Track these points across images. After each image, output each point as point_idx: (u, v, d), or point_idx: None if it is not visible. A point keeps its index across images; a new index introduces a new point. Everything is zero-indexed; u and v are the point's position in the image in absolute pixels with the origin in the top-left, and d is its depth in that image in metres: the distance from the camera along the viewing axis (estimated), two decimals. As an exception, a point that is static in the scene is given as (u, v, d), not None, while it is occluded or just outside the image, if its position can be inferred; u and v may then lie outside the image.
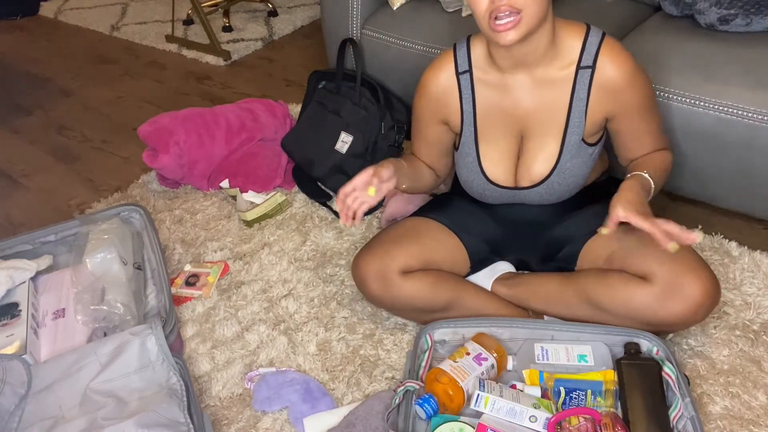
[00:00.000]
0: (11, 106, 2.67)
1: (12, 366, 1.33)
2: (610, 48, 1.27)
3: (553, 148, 1.34)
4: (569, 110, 1.31)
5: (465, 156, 1.40)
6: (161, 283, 1.56)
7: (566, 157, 1.33)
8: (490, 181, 1.39)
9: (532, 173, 1.36)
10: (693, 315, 1.28)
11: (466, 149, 1.39)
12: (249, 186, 1.96)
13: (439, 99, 1.39)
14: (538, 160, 1.35)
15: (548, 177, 1.35)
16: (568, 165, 1.34)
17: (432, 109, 1.41)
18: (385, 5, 2.05)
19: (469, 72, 1.35)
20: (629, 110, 1.31)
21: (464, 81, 1.36)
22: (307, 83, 2.08)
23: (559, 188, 1.37)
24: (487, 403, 1.22)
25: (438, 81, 1.38)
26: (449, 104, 1.38)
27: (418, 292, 1.41)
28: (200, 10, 2.85)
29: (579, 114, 1.31)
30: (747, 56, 1.52)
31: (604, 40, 1.27)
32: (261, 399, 1.38)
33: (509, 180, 1.39)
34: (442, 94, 1.38)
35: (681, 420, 1.20)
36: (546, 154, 1.34)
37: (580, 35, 1.28)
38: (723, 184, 1.59)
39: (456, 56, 1.36)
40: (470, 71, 1.35)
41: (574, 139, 1.32)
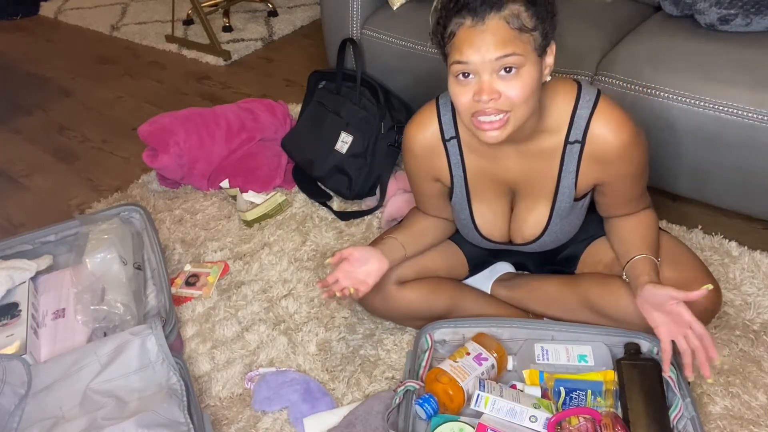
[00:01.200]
0: (11, 106, 2.66)
1: (12, 366, 1.33)
2: (603, 118, 1.16)
3: (542, 212, 1.28)
4: (558, 180, 1.24)
5: (458, 212, 1.35)
6: (161, 283, 1.56)
7: (556, 220, 1.29)
8: (485, 237, 1.35)
9: (524, 233, 1.32)
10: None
11: (459, 207, 1.34)
12: (249, 186, 1.96)
13: (426, 158, 1.30)
14: (529, 223, 1.30)
15: (539, 237, 1.32)
16: (560, 226, 1.30)
17: (421, 167, 1.32)
18: (385, 5, 2.05)
19: (457, 138, 1.26)
20: (618, 179, 1.23)
21: (452, 147, 1.27)
22: (307, 83, 2.08)
23: (552, 244, 1.34)
24: (487, 403, 1.22)
25: (422, 141, 1.28)
26: (437, 165, 1.30)
27: (416, 302, 1.40)
28: (200, 10, 2.85)
29: (569, 183, 1.23)
30: (747, 56, 1.52)
31: (596, 109, 1.16)
32: (261, 399, 1.38)
33: (503, 236, 1.35)
34: (429, 154, 1.29)
35: (681, 420, 1.20)
36: (536, 217, 1.29)
37: (570, 102, 1.17)
38: (723, 184, 1.59)
39: (441, 120, 1.26)
40: (457, 137, 1.26)
41: (564, 205, 1.26)
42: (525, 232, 1.32)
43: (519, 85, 1.04)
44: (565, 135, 1.19)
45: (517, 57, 1.03)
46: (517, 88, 1.05)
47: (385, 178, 1.89)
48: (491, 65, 1.03)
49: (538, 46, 1.06)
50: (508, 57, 1.02)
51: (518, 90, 1.05)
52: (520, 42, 1.03)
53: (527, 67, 1.04)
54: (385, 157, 1.90)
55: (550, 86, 1.17)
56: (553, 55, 1.11)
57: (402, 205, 1.76)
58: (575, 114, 1.17)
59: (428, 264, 1.43)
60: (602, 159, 1.19)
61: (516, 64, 1.03)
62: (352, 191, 1.89)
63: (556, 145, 1.20)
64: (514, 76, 1.04)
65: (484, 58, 1.03)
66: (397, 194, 1.83)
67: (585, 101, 1.17)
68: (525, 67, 1.04)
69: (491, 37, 1.02)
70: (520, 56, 1.03)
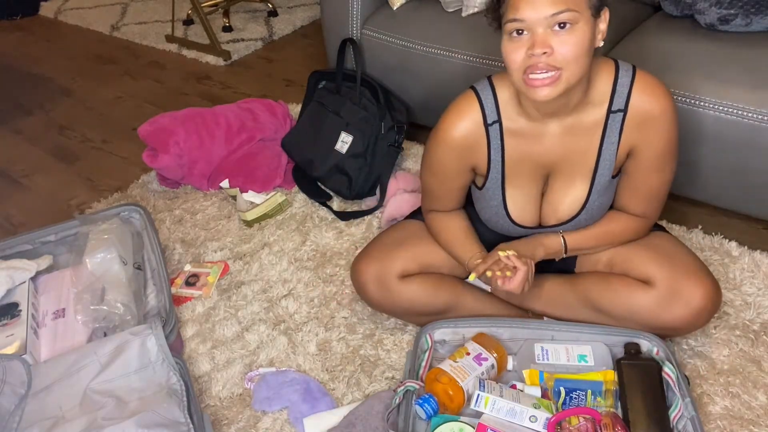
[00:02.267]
0: (12, 106, 2.66)
1: (12, 366, 1.33)
2: (644, 85, 1.20)
3: (581, 190, 1.28)
4: (599, 154, 1.25)
5: (489, 200, 1.34)
6: (161, 283, 1.56)
7: (594, 197, 1.29)
8: (515, 223, 1.35)
9: (559, 213, 1.32)
10: (695, 319, 1.28)
11: (491, 193, 1.32)
12: (249, 186, 1.96)
13: (465, 148, 1.28)
14: (565, 202, 1.30)
15: (576, 216, 1.31)
16: (597, 203, 1.30)
17: (458, 158, 1.30)
18: (385, 5, 2.05)
19: (499, 122, 1.25)
20: (648, 149, 1.23)
21: (493, 132, 1.26)
22: (307, 83, 2.08)
23: (585, 223, 1.33)
24: (487, 403, 1.22)
25: (463, 130, 1.26)
26: (476, 153, 1.28)
27: (417, 296, 1.40)
28: (200, 10, 2.85)
29: (610, 156, 1.25)
30: (747, 56, 1.52)
31: (635, 78, 1.20)
32: (261, 399, 1.38)
33: (534, 221, 1.34)
34: (470, 143, 1.27)
35: (681, 420, 1.20)
36: (574, 196, 1.29)
37: (610, 75, 1.20)
38: (723, 184, 1.59)
39: (482, 105, 1.25)
40: (499, 121, 1.25)
41: (603, 180, 1.27)
42: (561, 213, 1.32)
43: (572, 41, 1.06)
44: (608, 106, 1.21)
45: (572, 13, 1.04)
46: (570, 44, 1.06)
47: (385, 178, 1.89)
48: (546, 21, 1.05)
49: (593, 5, 1.08)
50: (563, 13, 1.04)
51: (571, 46, 1.06)
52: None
53: (581, 24, 1.06)
54: (385, 157, 1.90)
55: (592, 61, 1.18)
56: (606, 23, 1.13)
57: (402, 205, 1.76)
58: (616, 84, 1.20)
59: (432, 260, 1.43)
60: (642, 123, 1.21)
61: (570, 20, 1.05)
62: (352, 191, 1.89)
63: (599, 117, 1.23)
64: (568, 31, 1.06)
65: (539, 15, 1.04)
66: (397, 194, 1.83)
67: (624, 72, 1.20)
68: (579, 24, 1.06)
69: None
70: (574, 12, 1.05)
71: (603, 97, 1.21)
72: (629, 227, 1.34)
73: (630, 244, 1.35)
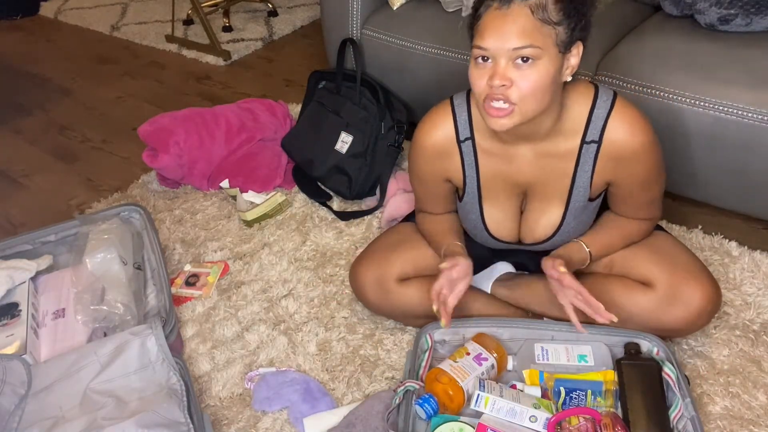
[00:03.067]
0: (12, 106, 2.66)
1: (12, 366, 1.33)
2: (621, 117, 1.18)
3: (556, 213, 1.29)
4: (573, 180, 1.25)
5: (468, 213, 1.35)
6: (161, 283, 1.56)
7: (570, 219, 1.29)
8: (494, 237, 1.36)
9: (535, 234, 1.32)
10: (695, 320, 1.28)
11: (469, 207, 1.34)
12: (249, 186, 1.96)
13: (438, 158, 1.30)
14: (541, 224, 1.31)
15: (551, 237, 1.32)
16: (572, 225, 1.30)
17: (433, 169, 1.32)
18: (385, 5, 2.05)
19: (471, 139, 1.27)
20: (630, 181, 1.24)
21: (466, 148, 1.28)
22: (307, 83, 2.08)
23: (561, 243, 1.34)
24: (487, 403, 1.22)
25: (436, 141, 1.29)
26: (450, 165, 1.30)
27: (416, 299, 1.40)
28: (200, 10, 2.85)
29: (584, 183, 1.25)
30: (747, 56, 1.52)
31: (613, 109, 1.18)
32: (261, 399, 1.38)
33: (513, 236, 1.35)
34: (442, 154, 1.29)
35: (681, 420, 1.20)
36: (549, 218, 1.30)
37: (587, 103, 1.19)
38: (723, 184, 1.59)
39: (456, 120, 1.27)
40: (472, 138, 1.27)
41: (578, 205, 1.27)
42: (537, 233, 1.32)
43: (533, 77, 1.06)
44: (582, 136, 1.20)
45: (534, 49, 1.04)
46: (529, 80, 1.06)
47: (385, 178, 1.89)
48: (508, 54, 1.05)
49: (561, 42, 1.07)
50: (525, 48, 1.04)
51: (530, 82, 1.06)
52: (540, 35, 1.04)
53: (544, 60, 1.06)
54: (385, 157, 1.90)
55: (569, 88, 1.18)
56: (578, 57, 1.12)
57: (402, 205, 1.76)
58: (592, 114, 1.19)
59: (430, 262, 1.43)
60: (617, 157, 1.20)
61: (532, 56, 1.05)
62: (352, 191, 1.89)
63: (572, 147, 1.22)
64: (530, 66, 1.06)
65: (502, 46, 1.05)
66: (397, 194, 1.83)
67: (602, 101, 1.19)
68: (541, 60, 1.06)
69: (512, 24, 1.04)
70: (537, 48, 1.04)
71: (578, 126, 1.20)
72: (640, 228, 1.34)
73: (630, 245, 1.35)
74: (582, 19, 1.09)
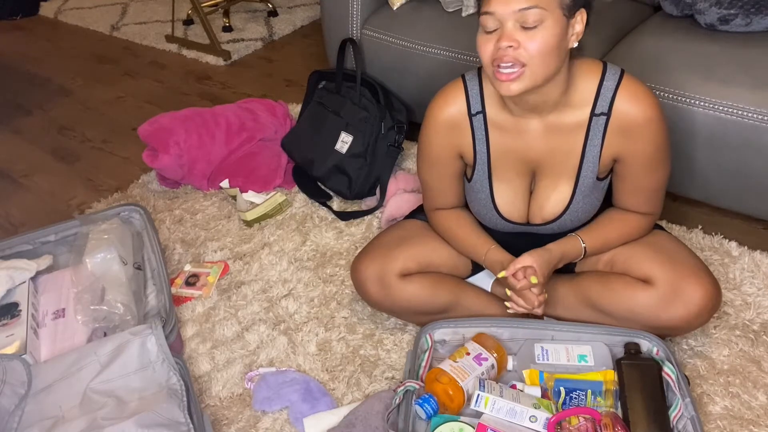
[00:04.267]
0: (11, 106, 2.66)
1: (12, 366, 1.33)
2: (628, 90, 1.20)
3: (565, 190, 1.30)
4: (582, 155, 1.26)
5: (477, 192, 1.35)
6: (161, 283, 1.56)
7: (579, 197, 1.30)
8: (503, 217, 1.36)
9: (544, 212, 1.33)
10: (695, 319, 1.29)
11: (479, 186, 1.34)
12: (249, 186, 1.96)
13: (450, 129, 1.31)
14: (551, 201, 1.31)
15: (560, 216, 1.32)
16: (581, 204, 1.31)
17: (446, 143, 1.33)
18: (385, 5, 2.05)
19: (483, 113, 1.28)
20: (637, 158, 1.25)
21: (477, 122, 1.29)
22: (307, 83, 2.08)
23: (571, 224, 1.34)
24: (487, 403, 1.22)
25: (448, 115, 1.30)
26: (462, 140, 1.31)
27: (417, 295, 1.40)
28: (200, 10, 2.85)
29: (593, 158, 1.26)
30: (747, 56, 1.52)
31: (621, 83, 1.20)
32: (261, 399, 1.38)
33: (522, 216, 1.35)
34: (455, 128, 1.31)
35: (681, 420, 1.20)
36: (558, 195, 1.30)
37: (596, 78, 1.21)
38: (723, 184, 1.59)
39: (468, 94, 1.28)
40: (483, 112, 1.28)
41: (587, 182, 1.28)
42: (546, 212, 1.33)
43: (539, 38, 1.09)
44: (591, 108, 1.22)
45: (540, 10, 1.07)
46: (536, 41, 1.09)
47: (385, 178, 1.89)
48: (514, 16, 1.08)
49: (566, 5, 1.10)
50: (531, 9, 1.07)
51: (537, 43, 1.09)
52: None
53: (550, 22, 1.09)
54: (385, 157, 1.90)
55: (576, 63, 1.21)
56: (582, 24, 1.15)
57: (402, 205, 1.76)
58: (601, 87, 1.21)
59: (432, 259, 1.44)
60: (626, 131, 1.22)
61: (538, 19, 1.08)
62: (352, 191, 1.89)
63: (581, 119, 1.23)
64: (536, 29, 1.09)
65: (508, 9, 1.08)
66: (397, 194, 1.83)
67: (611, 75, 1.21)
68: (547, 22, 1.08)
69: None
70: (542, 9, 1.08)
71: (586, 100, 1.22)
72: (639, 225, 1.35)
73: (630, 243, 1.35)
74: None
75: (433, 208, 1.45)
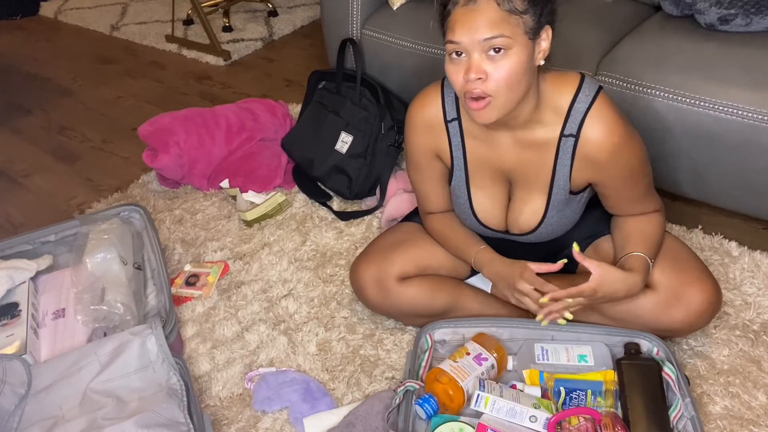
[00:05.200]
0: (12, 106, 2.66)
1: (12, 366, 1.33)
2: (598, 116, 1.17)
3: (539, 203, 1.29)
4: (553, 172, 1.25)
5: (457, 197, 1.36)
6: (161, 283, 1.56)
7: (552, 212, 1.29)
8: (482, 223, 1.36)
9: (520, 224, 1.33)
10: (695, 322, 1.29)
11: (458, 191, 1.35)
12: (249, 186, 1.96)
13: (429, 132, 1.32)
14: (525, 213, 1.31)
15: (536, 228, 1.32)
16: (556, 218, 1.31)
17: (425, 144, 1.33)
18: (385, 5, 2.05)
19: (458, 120, 1.29)
20: (611, 181, 1.25)
21: (453, 129, 1.29)
22: (307, 83, 2.08)
23: (547, 236, 1.34)
24: (487, 403, 1.22)
25: (425, 118, 1.31)
26: (439, 143, 1.32)
27: (416, 298, 1.40)
28: (200, 10, 2.85)
29: (563, 176, 1.25)
30: (747, 56, 1.52)
31: (593, 105, 1.17)
32: (261, 399, 1.38)
33: (500, 224, 1.35)
34: (431, 131, 1.31)
35: (681, 420, 1.20)
36: (532, 208, 1.30)
37: (569, 95, 1.18)
38: (723, 184, 1.59)
39: (444, 100, 1.28)
40: (459, 119, 1.29)
41: (560, 197, 1.27)
42: (521, 223, 1.33)
43: (506, 67, 1.08)
44: (561, 128, 1.21)
45: (505, 39, 1.06)
46: (503, 70, 1.08)
47: (385, 178, 1.89)
48: (480, 45, 1.07)
49: (530, 29, 1.08)
50: (496, 39, 1.06)
51: (504, 72, 1.08)
52: (509, 24, 1.06)
53: (515, 49, 1.08)
54: (385, 157, 1.90)
55: (551, 78, 1.19)
56: (548, 40, 1.13)
57: (402, 205, 1.76)
58: (572, 107, 1.19)
59: (431, 262, 1.44)
60: (593, 159, 1.21)
61: (503, 46, 1.07)
62: (352, 191, 1.89)
63: (551, 137, 1.22)
64: (502, 56, 1.08)
65: (473, 39, 1.07)
66: (397, 194, 1.83)
67: (584, 95, 1.19)
68: (513, 50, 1.08)
69: (481, 17, 1.06)
70: (507, 38, 1.06)
71: (557, 117, 1.20)
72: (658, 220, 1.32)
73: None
74: (547, 3, 1.11)
75: (425, 213, 1.46)
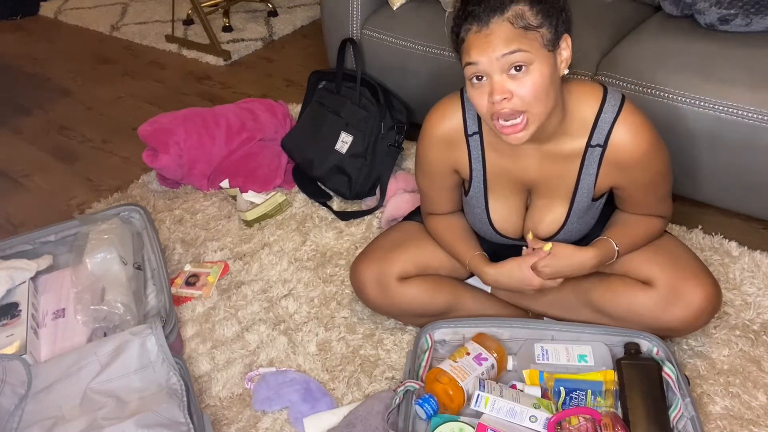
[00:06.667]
0: (11, 106, 2.66)
1: (12, 366, 1.33)
2: (626, 124, 1.17)
3: (560, 211, 1.29)
4: (578, 182, 1.25)
5: (473, 207, 1.35)
6: (161, 283, 1.56)
7: (573, 219, 1.30)
8: (498, 232, 1.36)
9: (539, 231, 1.32)
10: (695, 320, 1.29)
11: (475, 201, 1.34)
12: (249, 186, 1.96)
13: (446, 148, 1.30)
14: (545, 222, 1.31)
15: (555, 235, 1.32)
16: (576, 225, 1.31)
17: (441, 158, 1.32)
18: (385, 5, 2.05)
19: (479, 134, 1.27)
20: (635, 185, 1.25)
21: (474, 142, 1.28)
22: (307, 83, 2.08)
23: (565, 242, 1.33)
24: (487, 403, 1.22)
25: (445, 131, 1.28)
26: (458, 157, 1.30)
27: (417, 298, 1.41)
28: (200, 10, 2.85)
29: (588, 185, 1.25)
30: (747, 56, 1.52)
31: (620, 114, 1.17)
32: (261, 399, 1.38)
33: (516, 231, 1.35)
34: (451, 144, 1.29)
35: (681, 420, 1.20)
36: (553, 216, 1.30)
37: (594, 105, 1.18)
38: (723, 184, 1.59)
39: (465, 113, 1.26)
40: (480, 132, 1.27)
41: (582, 205, 1.28)
42: (540, 231, 1.32)
43: (530, 83, 1.06)
44: (588, 138, 1.20)
45: (523, 53, 1.04)
46: (527, 86, 1.06)
47: (385, 178, 1.89)
48: (499, 64, 1.05)
49: (548, 41, 1.07)
50: (515, 53, 1.04)
51: (529, 88, 1.06)
52: (527, 39, 1.05)
53: (536, 64, 1.06)
54: (385, 157, 1.90)
55: (575, 89, 1.19)
56: (569, 49, 1.12)
57: (402, 205, 1.76)
58: (599, 118, 1.19)
59: (431, 262, 1.44)
60: (621, 165, 1.21)
61: (523, 61, 1.05)
62: (352, 191, 1.89)
63: (577, 148, 1.22)
64: (524, 74, 1.06)
65: (491, 57, 1.05)
66: (397, 194, 1.83)
67: (610, 105, 1.18)
68: (534, 65, 1.06)
69: (496, 38, 1.04)
70: (526, 53, 1.04)
71: (583, 129, 1.20)
72: (659, 225, 1.34)
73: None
74: (562, 13, 1.09)
75: (427, 213, 1.46)
